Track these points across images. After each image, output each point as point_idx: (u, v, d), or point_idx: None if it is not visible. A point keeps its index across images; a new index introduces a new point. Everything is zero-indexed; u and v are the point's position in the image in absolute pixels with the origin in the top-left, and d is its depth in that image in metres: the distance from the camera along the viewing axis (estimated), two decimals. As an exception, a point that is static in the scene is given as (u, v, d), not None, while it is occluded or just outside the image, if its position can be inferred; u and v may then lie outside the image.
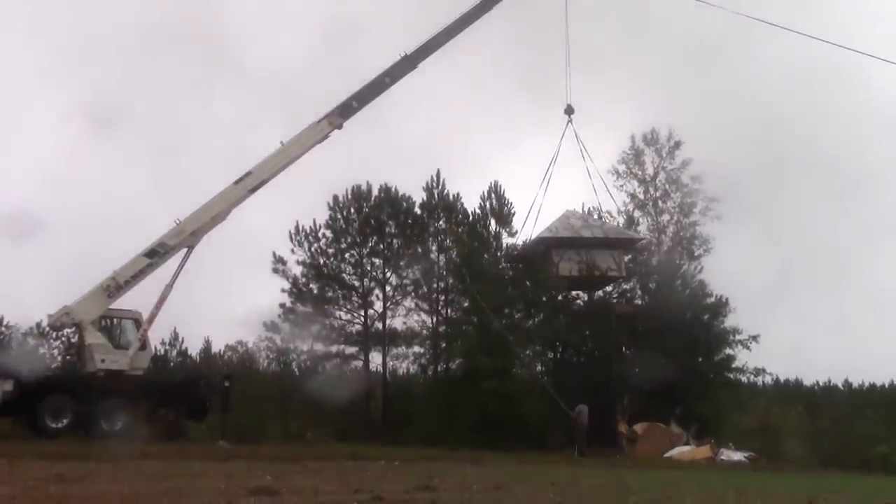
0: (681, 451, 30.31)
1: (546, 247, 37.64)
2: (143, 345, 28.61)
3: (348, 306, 39.15)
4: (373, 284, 39.22)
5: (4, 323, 36.66)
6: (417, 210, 40.11)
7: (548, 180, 37.03)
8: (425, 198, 40.24)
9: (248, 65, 76.42)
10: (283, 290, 38.17)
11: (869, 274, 63.60)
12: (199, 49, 68.58)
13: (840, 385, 56.55)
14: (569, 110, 36.95)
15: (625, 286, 39.76)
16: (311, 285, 38.76)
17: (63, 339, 34.59)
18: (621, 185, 42.47)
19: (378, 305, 39.09)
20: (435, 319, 39.47)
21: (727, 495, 14.38)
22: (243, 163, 30.03)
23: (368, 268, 39.29)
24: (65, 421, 25.42)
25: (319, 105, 30.75)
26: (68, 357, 32.47)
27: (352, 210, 39.62)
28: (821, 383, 56.48)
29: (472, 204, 40.60)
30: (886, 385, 55.31)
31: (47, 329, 32.76)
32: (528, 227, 38.17)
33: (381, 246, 39.29)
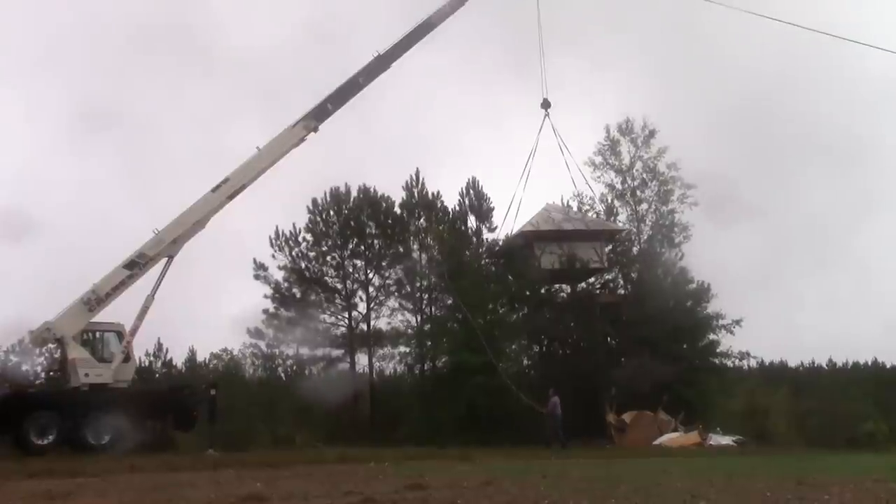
0: (670, 438, 30.45)
1: (528, 241, 37.77)
2: (127, 357, 28.42)
3: (332, 309, 39.21)
4: (356, 286, 39.27)
5: (-15, 341, 36.35)
6: (397, 209, 40.16)
7: (527, 174, 37.13)
8: (405, 197, 40.30)
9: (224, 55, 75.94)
10: (266, 296, 38.18)
11: (853, 251, 64.17)
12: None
13: (824, 365, 57.18)
14: (545, 104, 37.08)
15: (607, 277, 39.99)
16: (293, 290, 38.73)
17: (45, 354, 34.37)
18: (599, 177, 42.60)
19: (362, 307, 39.25)
20: (419, 318, 39.52)
21: (717, 479, 14.45)
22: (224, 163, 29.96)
23: (350, 270, 39.35)
24: (51, 437, 25.17)
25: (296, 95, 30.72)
26: (51, 372, 32.15)
27: (331, 213, 39.62)
28: (805, 364, 57.07)
29: (451, 201, 40.76)
30: (870, 363, 55.99)
31: (29, 345, 32.47)
32: (508, 221, 38.27)
33: (363, 247, 39.32)
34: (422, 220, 40.18)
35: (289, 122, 30.34)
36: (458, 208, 40.60)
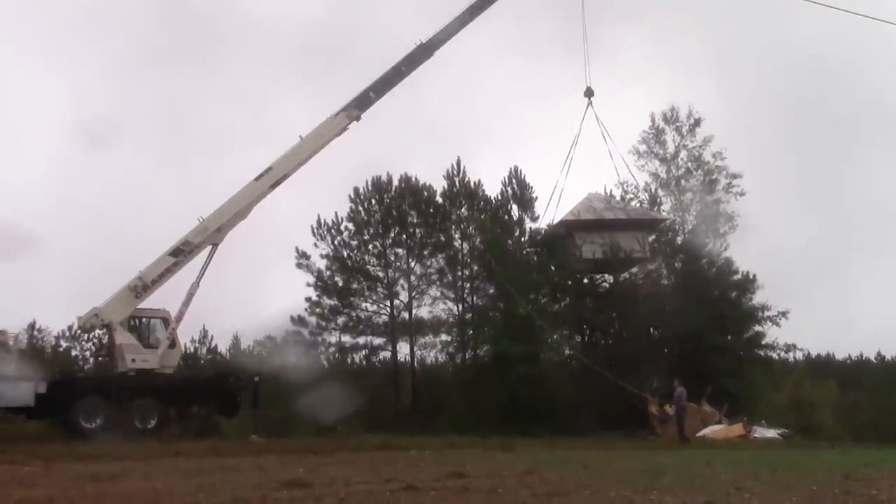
0: (713, 430, 30.10)
1: (569, 230, 37.52)
2: (173, 343, 28.83)
3: (374, 297, 39.31)
4: (397, 275, 39.32)
5: (37, 327, 37.20)
6: (439, 199, 40.12)
7: (569, 163, 36.89)
8: (446, 186, 40.27)
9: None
10: (308, 284, 38.42)
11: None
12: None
13: (873, 358, 56.04)
14: (588, 93, 36.82)
15: (650, 267, 39.56)
16: (335, 278, 38.91)
17: (94, 340, 35.03)
18: (643, 166, 42.30)
19: (403, 296, 39.23)
20: (461, 307, 39.49)
21: (762, 472, 14.26)
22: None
23: (392, 258, 39.38)
24: (98, 421, 25.63)
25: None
26: (99, 358, 32.82)
27: (373, 202, 39.73)
28: (853, 357, 55.99)
29: (493, 190, 40.65)
30: (920, 357, 54.66)
31: (78, 331, 33.12)
32: (550, 210, 38.06)
33: (404, 236, 39.35)
34: (463, 210, 40.11)
35: (332, 108, 30.50)
36: (500, 197, 40.50)
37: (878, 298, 56.20)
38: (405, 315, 39.28)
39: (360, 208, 39.63)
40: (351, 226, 39.38)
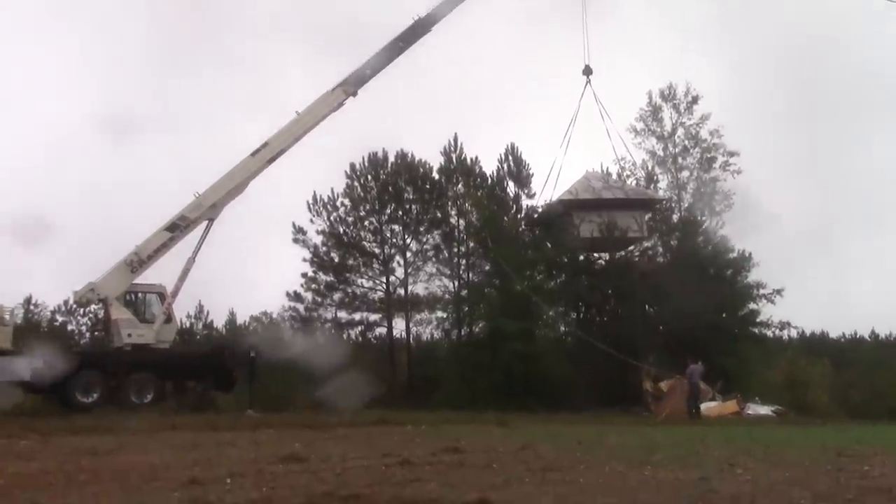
0: (707, 407, 30.23)
1: (567, 209, 37.46)
2: (169, 318, 28.89)
3: (370, 273, 39.31)
4: (393, 251, 39.31)
5: (33, 301, 37.19)
6: (435, 175, 40.03)
7: (567, 141, 36.81)
8: (443, 162, 40.17)
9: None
10: (305, 260, 38.42)
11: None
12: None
13: (867, 336, 56.26)
14: (587, 71, 36.67)
15: (646, 244, 39.60)
16: (331, 254, 38.89)
17: (90, 315, 35.05)
18: (640, 143, 42.21)
19: (399, 272, 39.25)
20: (457, 284, 39.52)
21: (755, 449, 14.35)
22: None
23: (388, 234, 39.34)
24: (95, 395, 25.72)
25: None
26: (95, 332, 32.85)
27: (369, 177, 39.64)
28: (847, 335, 56.18)
29: (490, 166, 40.55)
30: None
31: (73, 306, 33.13)
32: (548, 188, 38.00)
33: (400, 212, 39.29)
34: (460, 186, 40.04)
35: (328, 84, 30.38)
36: (496, 174, 40.42)
37: (873, 276, 56.14)
38: (401, 291, 39.34)
39: (357, 184, 39.54)
40: (347, 202, 39.36)
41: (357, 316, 39.25)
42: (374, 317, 39.51)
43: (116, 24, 70.20)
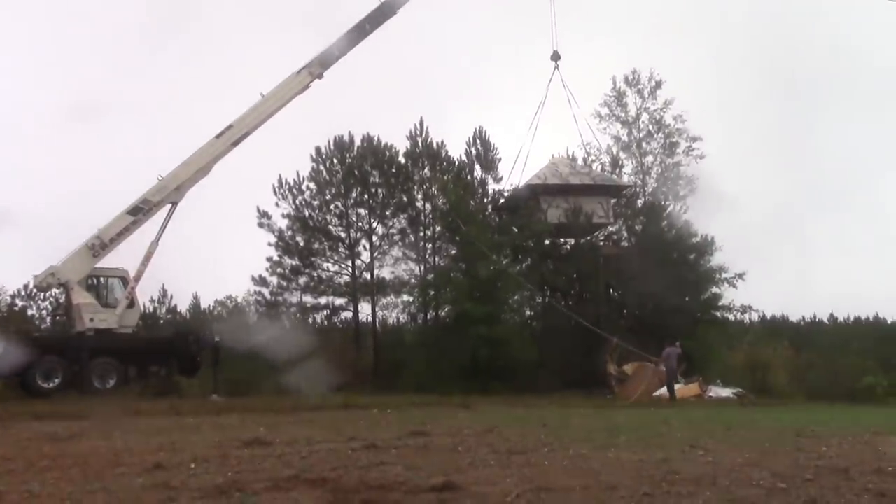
0: (670, 390, 30.57)
1: (534, 194, 37.60)
2: (132, 303, 28.64)
3: (335, 258, 39.15)
4: (359, 235, 39.18)
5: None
6: (401, 159, 39.90)
7: (535, 127, 36.91)
8: (409, 146, 40.04)
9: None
10: (270, 244, 38.15)
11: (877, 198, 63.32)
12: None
13: (826, 320, 57.26)
14: (555, 56, 36.81)
15: (611, 229, 39.88)
16: (297, 238, 38.67)
17: (50, 299, 34.54)
18: (605, 128, 42.37)
19: (365, 256, 39.16)
20: (423, 268, 39.52)
21: (716, 430, 14.57)
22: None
23: (354, 218, 39.18)
24: (56, 380, 25.49)
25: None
26: (57, 317, 32.40)
27: (335, 161, 39.40)
28: (807, 319, 57.15)
29: (457, 151, 40.54)
30: (871, 318, 56.00)
31: (34, 290, 32.65)
32: (515, 173, 38.10)
33: (366, 196, 39.11)
34: (426, 170, 39.97)
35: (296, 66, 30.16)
36: (464, 158, 40.43)
37: (832, 260, 57.19)
38: (367, 275, 39.25)
39: (322, 168, 39.32)
40: (313, 185, 39.12)
41: (323, 300, 39.15)
42: (339, 301, 39.42)
43: (81, 5, 68.97)
